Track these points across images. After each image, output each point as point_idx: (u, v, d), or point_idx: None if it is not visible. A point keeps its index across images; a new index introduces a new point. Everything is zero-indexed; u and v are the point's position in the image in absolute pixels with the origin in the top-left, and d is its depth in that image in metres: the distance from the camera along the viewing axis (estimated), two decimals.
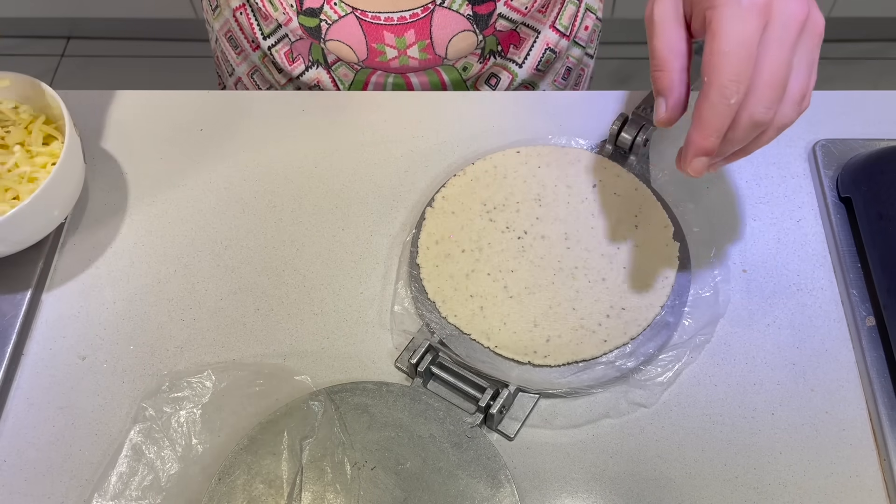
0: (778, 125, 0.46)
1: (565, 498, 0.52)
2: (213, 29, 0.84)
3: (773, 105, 0.45)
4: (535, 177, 0.63)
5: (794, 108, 0.46)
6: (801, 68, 0.46)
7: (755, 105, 0.44)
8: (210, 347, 0.58)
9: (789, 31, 0.44)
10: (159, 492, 0.51)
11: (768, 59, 0.44)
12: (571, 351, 0.55)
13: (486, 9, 0.71)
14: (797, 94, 0.46)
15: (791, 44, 0.44)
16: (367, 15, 0.70)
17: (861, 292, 0.59)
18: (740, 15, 0.44)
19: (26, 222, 0.57)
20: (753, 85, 0.44)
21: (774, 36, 0.44)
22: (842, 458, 0.53)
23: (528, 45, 0.78)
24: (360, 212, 0.65)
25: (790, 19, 0.44)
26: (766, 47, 0.44)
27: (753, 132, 0.46)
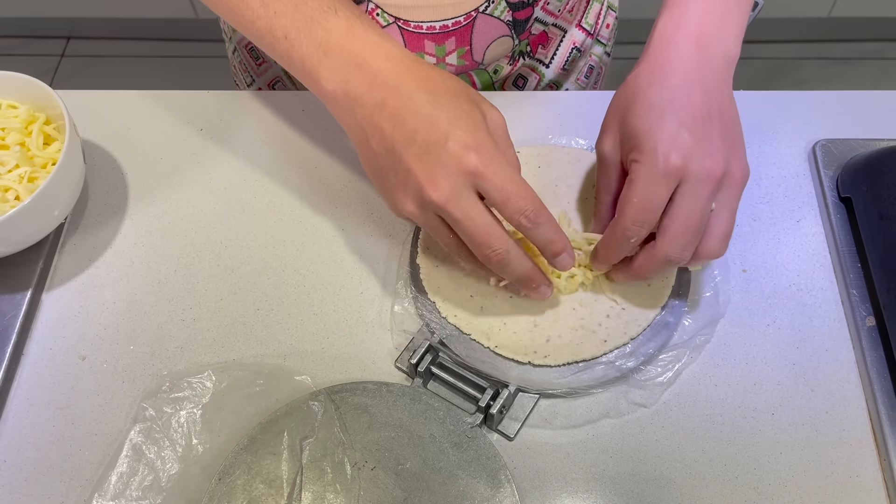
0: (706, 257, 0.52)
1: (565, 498, 0.52)
2: (230, 39, 0.84)
3: (686, 247, 0.50)
4: (535, 177, 0.63)
5: (719, 244, 0.51)
6: (722, 213, 0.51)
7: (668, 247, 0.50)
8: (210, 347, 0.58)
9: (702, 187, 0.49)
10: (159, 492, 0.51)
11: (681, 210, 0.50)
12: (571, 351, 0.55)
13: (525, 14, 0.71)
14: (721, 233, 0.51)
15: (705, 196, 0.49)
16: (409, 24, 0.69)
17: (861, 292, 0.59)
18: (652, 174, 0.49)
19: (26, 222, 0.57)
20: (667, 230, 0.50)
21: (688, 190, 0.49)
22: (842, 458, 0.53)
23: (555, 45, 0.78)
24: (360, 212, 0.65)
25: (704, 177, 0.49)
26: (680, 200, 0.50)
27: (670, 266, 0.52)
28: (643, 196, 0.50)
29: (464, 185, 0.47)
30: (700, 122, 0.50)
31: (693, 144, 0.49)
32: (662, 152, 0.49)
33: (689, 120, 0.50)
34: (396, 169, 0.49)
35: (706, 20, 0.53)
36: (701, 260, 0.52)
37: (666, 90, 0.51)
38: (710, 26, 0.53)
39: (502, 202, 0.48)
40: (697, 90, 0.51)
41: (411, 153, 0.48)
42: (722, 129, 0.51)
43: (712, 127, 0.50)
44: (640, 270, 0.53)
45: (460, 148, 0.47)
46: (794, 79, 1.97)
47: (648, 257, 0.52)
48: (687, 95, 0.51)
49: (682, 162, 0.49)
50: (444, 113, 0.48)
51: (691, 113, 0.50)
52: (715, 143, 0.50)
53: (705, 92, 0.51)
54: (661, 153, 0.49)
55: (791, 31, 1.99)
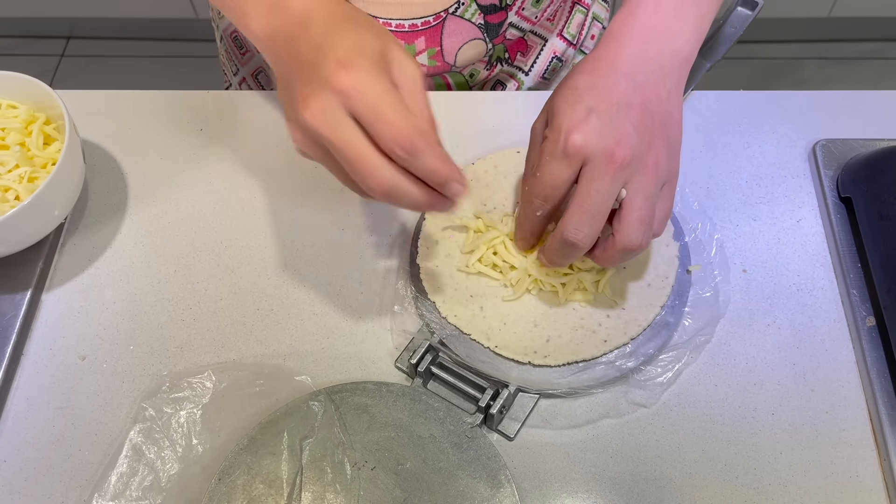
0: (623, 245, 0.50)
1: (565, 498, 0.52)
2: (218, 28, 0.84)
3: (580, 227, 0.50)
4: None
5: (632, 230, 0.50)
6: (634, 199, 0.50)
7: (565, 225, 0.50)
8: (210, 347, 0.58)
9: (601, 168, 0.49)
10: (159, 492, 0.51)
11: (580, 190, 0.50)
12: (571, 351, 0.55)
13: (497, 18, 0.71)
14: (633, 219, 0.50)
15: (604, 179, 0.49)
16: (377, 21, 0.70)
17: (861, 292, 0.59)
18: (553, 151, 0.50)
19: (26, 222, 0.57)
20: (567, 209, 0.51)
21: (587, 171, 0.50)
22: (842, 458, 0.53)
23: (534, 53, 0.78)
24: (360, 212, 0.65)
25: (604, 159, 0.49)
26: (580, 181, 0.50)
27: (569, 249, 0.51)
28: (544, 171, 0.51)
29: (336, 106, 0.44)
30: (615, 109, 0.50)
31: (598, 127, 0.49)
32: (566, 130, 0.50)
33: (604, 106, 0.50)
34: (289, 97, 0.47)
35: (655, 18, 0.53)
36: (618, 250, 0.51)
37: (593, 78, 0.51)
38: (658, 23, 0.53)
39: (372, 126, 0.44)
40: (624, 81, 0.51)
41: (300, 79, 0.46)
42: (641, 120, 0.50)
43: (627, 116, 0.50)
44: (547, 253, 0.54)
45: (334, 65, 0.44)
46: (794, 79, 1.97)
47: (552, 239, 0.53)
48: (611, 83, 0.51)
49: (583, 142, 0.49)
50: (335, 37, 0.46)
51: (608, 100, 0.50)
52: (625, 129, 0.50)
53: (633, 84, 0.51)
54: (565, 132, 0.50)
55: (791, 31, 1.99)
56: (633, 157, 0.49)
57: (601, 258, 0.53)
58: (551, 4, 0.74)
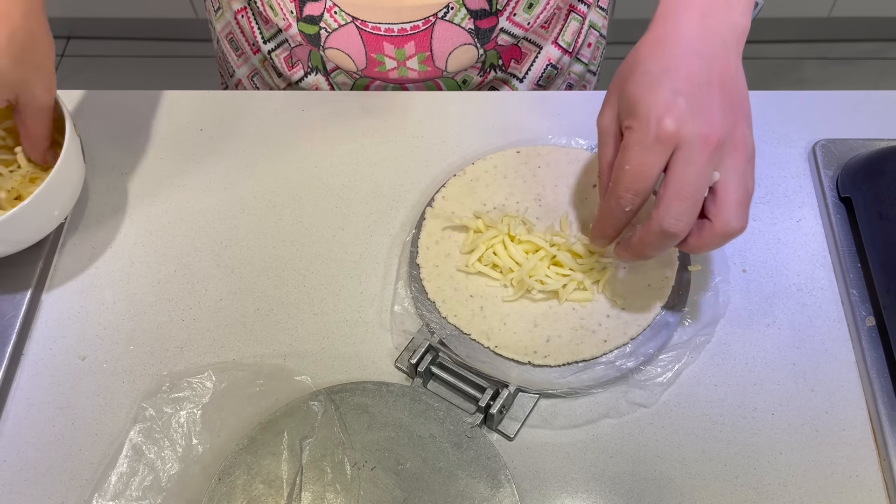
0: (725, 231, 0.49)
1: (565, 498, 0.52)
2: (214, 29, 0.84)
3: (681, 216, 0.48)
4: (535, 177, 0.63)
5: (734, 213, 0.49)
6: (730, 180, 0.49)
7: (662, 215, 0.48)
8: (210, 347, 0.58)
9: (696, 152, 0.48)
10: (159, 492, 0.51)
11: (673, 176, 0.48)
12: (571, 351, 0.55)
13: (488, 23, 0.71)
14: (733, 201, 0.49)
15: (700, 162, 0.48)
16: (367, 25, 0.70)
17: (861, 292, 0.59)
18: (644, 140, 0.48)
19: (26, 222, 0.57)
20: (661, 198, 0.49)
21: (681, 156, 0.48)
22: (842, 458, 0.53)
23: (529, 60, 0.77)
24: (360, 212, 0.65)
25: (699, 142, 0.48)
26: (673, 166, 0.48)
27: (667, 240, 0.50)
28: (635, 162, 0.49)
29: None
30: (697, 89, 0.49)
31: (687, 110, 0.48)
32: (655, 117, 0.48)
33: (686, 87, 0.49)
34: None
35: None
36: (719, 235, 0.49)
37: (664, 60, 0.50)
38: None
39: None
40: (697, 60, 0.50)
41: None
42: (722, 97, 0.49)
43: (711, 95, 0.49)
44: (638, 245, 0.51)
45: None
46: (794, 79, 1.98)
47: (645, 230, 0.50)
48: (685, 64, 0.50)
49: (676, 127, 0.47)
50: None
51: (688, 80, 0.49)
52: (713, 109, 0.49)
53: (706, 61, 0.50)
54: (654, 118, 0.48)
55: (791, 31, 1.99)
56: (724, 137, 0.48)
57: (696, 245, 0.50)
58: (544, 11, 0.74)
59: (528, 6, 0.72)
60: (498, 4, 0.70)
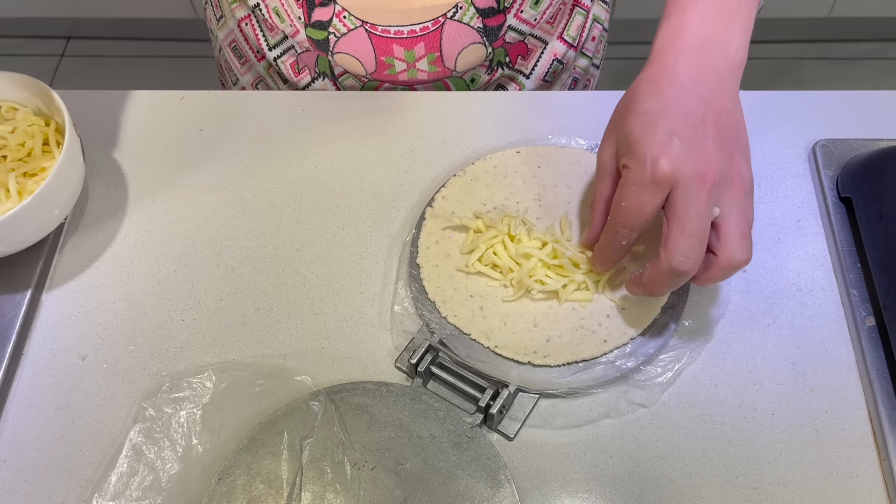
0: (730, 264, 0.50)
1: (565, 498, 0.52)
2: (216, 38, 0.84)
3: (688, 253, 0.49)
4: (535, 177, 0.63)
5: (737, 246, 0.50)
6: (730, 214, 0.50)
7: (670, 254, 0.49)
8: (210, 347, 0.58)
9: (695, 190, 0.49)
10: (159, 492, 0.51)
11: (675, 215, 0.49)
12: (571, 351, 0.55)
13: (496, 21, 0.71)
14: (735, 233, 0.50)
15: (700, 201, 0.49)
16: (376, 28, 0.70)
17: (861, 292, 0.59)
18: (639, 180, 0.50)
19: (26, 222, 0.57)
20: (666, 238, 0.50)
21: (680, 195, 0.49)
22: (842, 458, 0.53)
23: (535, 56, 0.78)
24: (360, 212, 0.65)
25: (695, 181, 0.49)
26: (672, 205, 0.49)
27: (680, 278, 0.50)
28: (631, 200, 0.50)
29: None
30: (693, 129, 0.50)
31: (682, 150, 0.49)
32: (651, 158, 0.49)
33: (682, 127, 0.50)
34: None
35: (705, 27, 0.53)
36: (725, 268, 0.51)
37: (660, 99, 0.51)
38: (709, 33, 0.53)
39: None
40: (692, 98, 0.51)
41: None
42: (718, 135, 0.51)
43: (706, 133, 0.50)
44: (649, 284, 0.52)
45: None
46: (794, 79, 1.97)
47: (654, 269, 0.51)
48: (681, 103, 0.51)
49: (671, 168, 0.49)
50: None
51: (684, 120, 0.50)
52: (708, 149, 0.50)
53: (701, 100, 0.51)
54: (650, 159, 0.49)
55: (791, 31, 1.99)
56: (721, 174, 0.50)
57: (705, 279, 0.52)
58: (550, 6, 0.74)
59: (535, 2, 0.73)
60: (506, 2, 0.70)
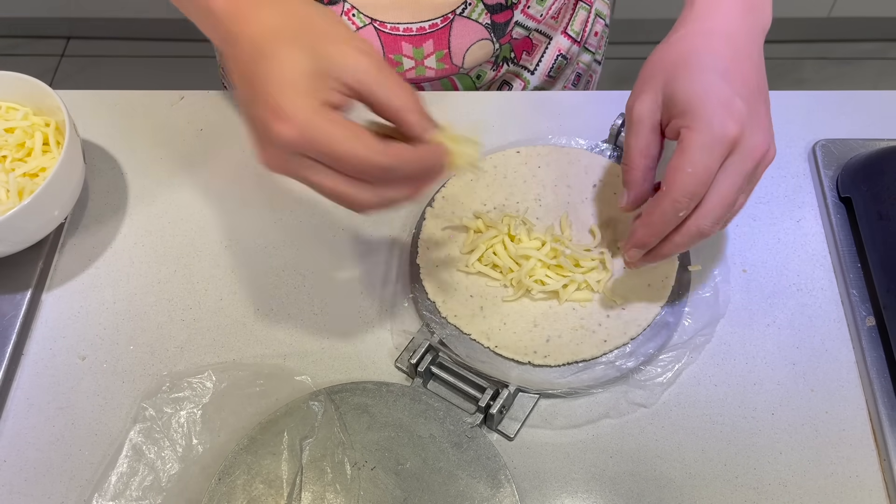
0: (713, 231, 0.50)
1: (565, 498, 0.52)
2: None
3: (719, 221, 0.49)
4: (535, 177, 0.63)
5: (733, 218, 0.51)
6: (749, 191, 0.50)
7: (703, 219, 0.49)
8: (210, 347, 0.58)
9: (748, 163, 0.48)
10: (159, 492, 0.51)
11: (725, 184, 0.48)
12: (571, 351, 0.55)
13: (503, 17, 0.71)
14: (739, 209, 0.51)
15: (747, 173, 0.49)
16: (385, 26, 0.70)
17: (861, 292, 0.59)
18: (709, 144, 0.47)
19: (26, 222, 0.57)
20: (706, 201, 0.48)
21: (735, 164, 0.48)
22: (842, 458, 0.53)
23: (540, 52, 0.78)
24: None
25: (752, 152, 0.48)
26: (726, 173, 0.48)
27: (697, 240, 0.50)
28: (698, 165, 0.47)
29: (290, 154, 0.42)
30: (752, 96, 0.49)
31: (747, 116, 0.48)
32: (720, 120, 0.47)
33: (745, 91, 0.48)
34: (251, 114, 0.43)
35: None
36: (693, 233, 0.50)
37: (721, 58, 0.49)
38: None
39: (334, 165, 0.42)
40: (748, 63, 0.50)
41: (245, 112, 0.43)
42: (767, 105, 0.50)
43: (761, 101, 0.49)
44: (668, 245, 0.51)
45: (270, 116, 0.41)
46: (794, 79, 1.97)
47: (681, 231, 0.49)
48: (739, 66, 0.49)
49: (739, 132, 0.47)
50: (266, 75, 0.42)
51: (746, 85, 0.49)
52: (764, 118, 0.49)
53: (754, 65, 0.50)
54: (719, 121, 0.47)
55: (791, 31, 1.99)
56: (768, 148, 0.49)
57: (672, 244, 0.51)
58: (556, 2, 0.74)
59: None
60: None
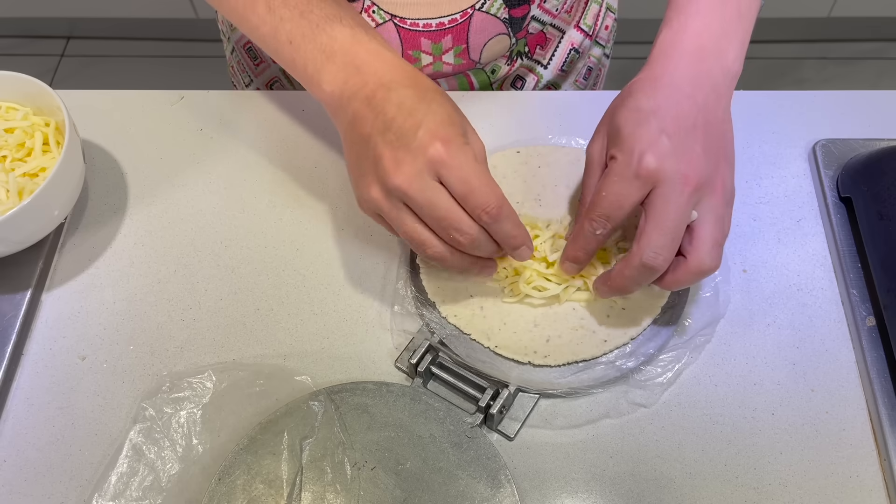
0: (698, 269, 0.51)
1: (565, 498, 0.52)
2: (230, 40, 0.84)
3: (661, 250, 0.50)
4: (535, 177, 0.63)
5: (707, 252, 0.51)
6: (706, 220, 0.51)
7: (643, 249, 0.50)
8: (210, 347, 0.58)
9: (676, 190, 0.49)
10: (159, 492, 0.51)
11: (653, 211, 0.50)
12: (571, 351, 0.55)
13: (521, 11, 0.71)
14: (707, 240, 0.50)
15: (680, 201, 0.49)
16: (405, 22, 0.70)
17: (861, 292, 0.59)
18: (626, 173, 0.50)
19: (26, 222, 0.57)
20: (641, 232, 0.50)
21: (661, 193, 0.49)
22: (842, 458, 0.53)
23: (553, 46, 0.78)
24: (359, 212, 0.64)
25: (678, 181, 0.49)
26: (652, 201, 0.50)
27: (649, 274, 0.51)
28: (612, 190, 0.51)
29: (427, 172, 0.48)
30: (683, 132, 0.50)
31: (671, 150, 0.50)
32: (638, 152, 0.50)
33: (673, 127, 0.50)
34: (369, 155, 0.50)
35: (705, 35, 0.53)
36: (693, 272, 0.51)
37: (655, 98, 0.52)
38: (708, 42, 0.53)
39: (464, 195, 0.49)
40: (687, 103, 0.51)
41: (385, 140, 0.49)
42: (707, 142, 0.51)
43: (696, 138, 0.51)
44: (617, 278, 0.52)
45: (429, 137, 0.48)
46: (794, 79, 1.97)
47: (625, 263, 0.52)
48: (675, 105, 0.51)
49: (657, 165, 0.49)
50: (425, 107, 0.50)
51: (676, 122, 0.51)
52: (695, 152, 0.50)
53: (695, 106, 0.52)
54: (637, 153, 0.50)
55: (791, 31, 1.99)
56: (704, 179, 0.50)
57: (671, 282, 0.52)
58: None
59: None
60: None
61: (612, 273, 0.53)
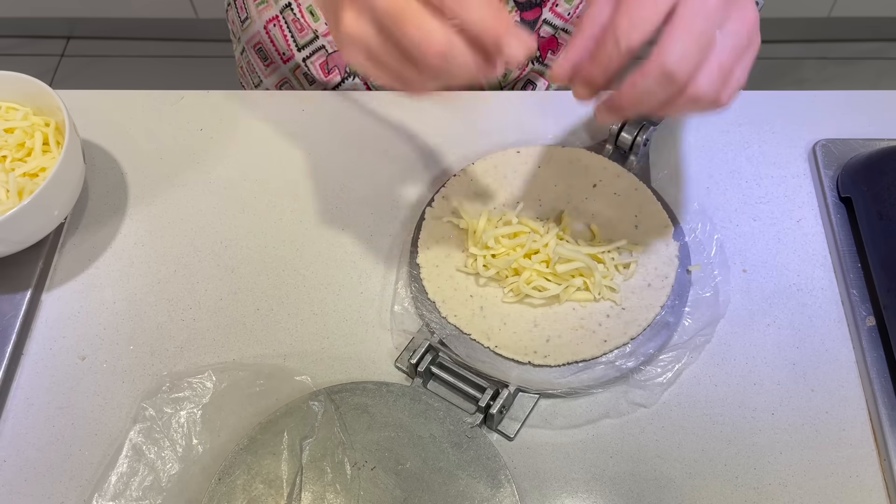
0: (692, 94, 0.45)
1: (565, 498, 0.52)
2: (240, 41, 0.84)
3: (685, 57, 0.43)
4: (535, 177, 0.63)
5: (711, 82, 0.44)
6: (724, 47, 0.44)
7: (667, 51, 0.43)
8: (210, 347, 0.58)
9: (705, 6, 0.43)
10: (159, 492, 0.51)
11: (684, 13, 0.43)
12: (571, 351, 0.55)
13: (532, 14, 0.71)
14: (715, 69, 0.44)
15: (707, 15, 0.43)
16: None
17: (861, 292, 0.59)
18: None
19: (26, 222, 0.57)
20: (665, 34, 0.43)
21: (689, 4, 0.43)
22: (842, 458, 0.53)
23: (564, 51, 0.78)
24: (359, 212, 0.65)
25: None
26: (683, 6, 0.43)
27: (665, 85, 0.44)
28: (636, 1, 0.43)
29: None
30: None
31: None
32: None
33: None
34: None
35: None
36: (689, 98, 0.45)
37: None
38: None
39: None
40: None
41: None
42: None
43: None
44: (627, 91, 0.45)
45: None
46: (794, 79, 1.97)
47: (640, 72, 0.44)
48: None
49: None
50: None
51: None
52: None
53: None
54: None
55: (791, 31, 1.99)
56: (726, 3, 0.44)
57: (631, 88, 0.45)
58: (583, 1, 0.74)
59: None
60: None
61: (624, 85, 0.45)
